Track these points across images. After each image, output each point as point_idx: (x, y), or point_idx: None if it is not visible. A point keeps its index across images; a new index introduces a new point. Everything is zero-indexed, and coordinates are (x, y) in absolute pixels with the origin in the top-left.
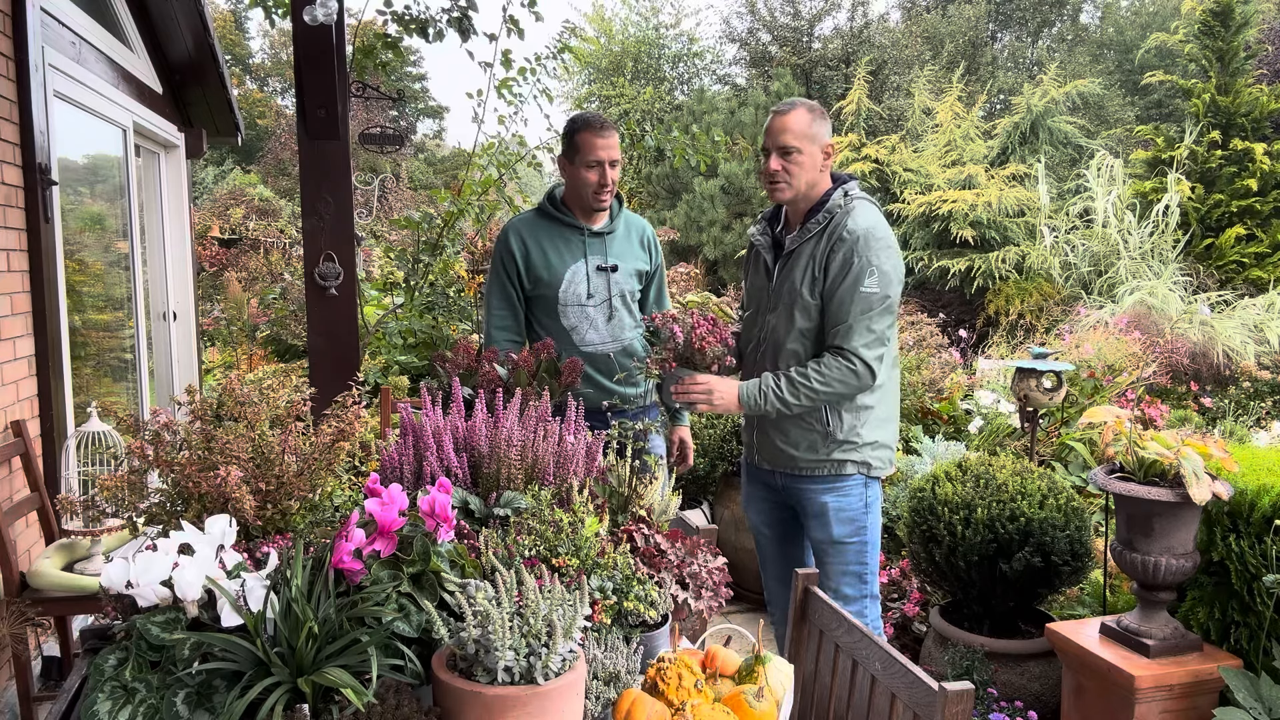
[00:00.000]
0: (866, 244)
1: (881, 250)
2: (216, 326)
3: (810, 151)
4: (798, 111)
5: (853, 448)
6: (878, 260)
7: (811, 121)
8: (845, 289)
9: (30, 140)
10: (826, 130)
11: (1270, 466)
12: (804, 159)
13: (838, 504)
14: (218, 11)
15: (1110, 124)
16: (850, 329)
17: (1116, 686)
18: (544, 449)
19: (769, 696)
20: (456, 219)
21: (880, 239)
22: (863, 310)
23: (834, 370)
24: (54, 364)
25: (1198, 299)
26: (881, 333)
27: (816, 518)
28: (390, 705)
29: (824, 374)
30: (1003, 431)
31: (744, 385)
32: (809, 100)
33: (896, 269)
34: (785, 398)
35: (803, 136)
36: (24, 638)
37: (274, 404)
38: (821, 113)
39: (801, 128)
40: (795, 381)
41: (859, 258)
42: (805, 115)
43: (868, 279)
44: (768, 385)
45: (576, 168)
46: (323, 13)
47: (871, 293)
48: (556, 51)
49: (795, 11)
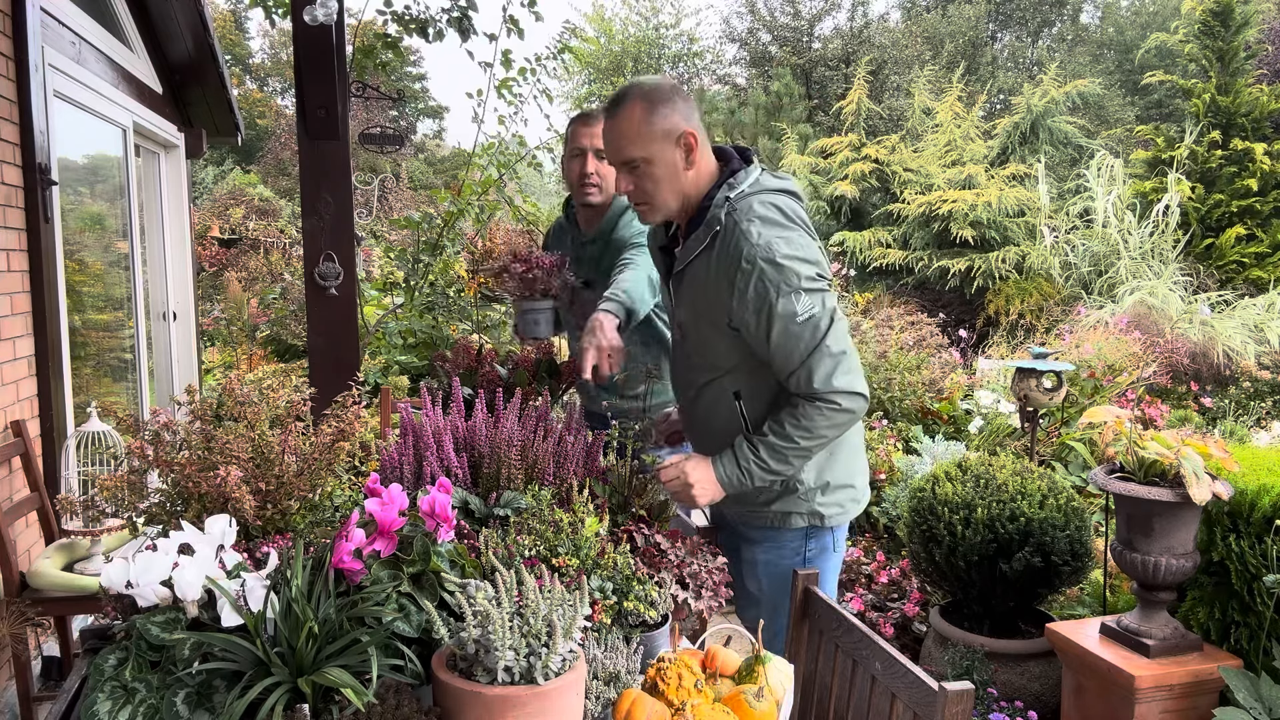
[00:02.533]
0: (775, 267)
1: (795, 263)
2: (216, 326)
3: (661, 154)
4: (631, 110)
5: (795, 497)
6: (795, 279)
7: (650, 115)
8: (780, 329)
9: (30, 140)
10: (677, 116)
11: (1270, 466)
12: (656, 169)
13: (766, 558)
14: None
15: (1110, 124)
16: (811, 369)
17: (1116, 686)
18: (544, 449)
19: (769, 696)
20: (456, 219)
21: (788, 250)
22: (813, 342)
23: (817, 420)
24: (54, 364)
25: (1198, 299)
26: (840, 348)
27: (749, 567)
28: (390, 705)
29: (808, 428)
30: (1003, 431)
31: (720, 465)
32: (645, 82)
33: (816, 269)
34: (774, 469)
35: (642, 140)
36: (24, 638)
37: (274, 404)
38: (665, 95)
39: (636, 130)
40: (777, 448)
41: (774, 287)
42: (640, 111)
43: (799, 305)
44: (747, 460)
45: (567, 161)
46: (323, 13)
47: (810, 316)
48: (556, 51)
49: (795, 11)
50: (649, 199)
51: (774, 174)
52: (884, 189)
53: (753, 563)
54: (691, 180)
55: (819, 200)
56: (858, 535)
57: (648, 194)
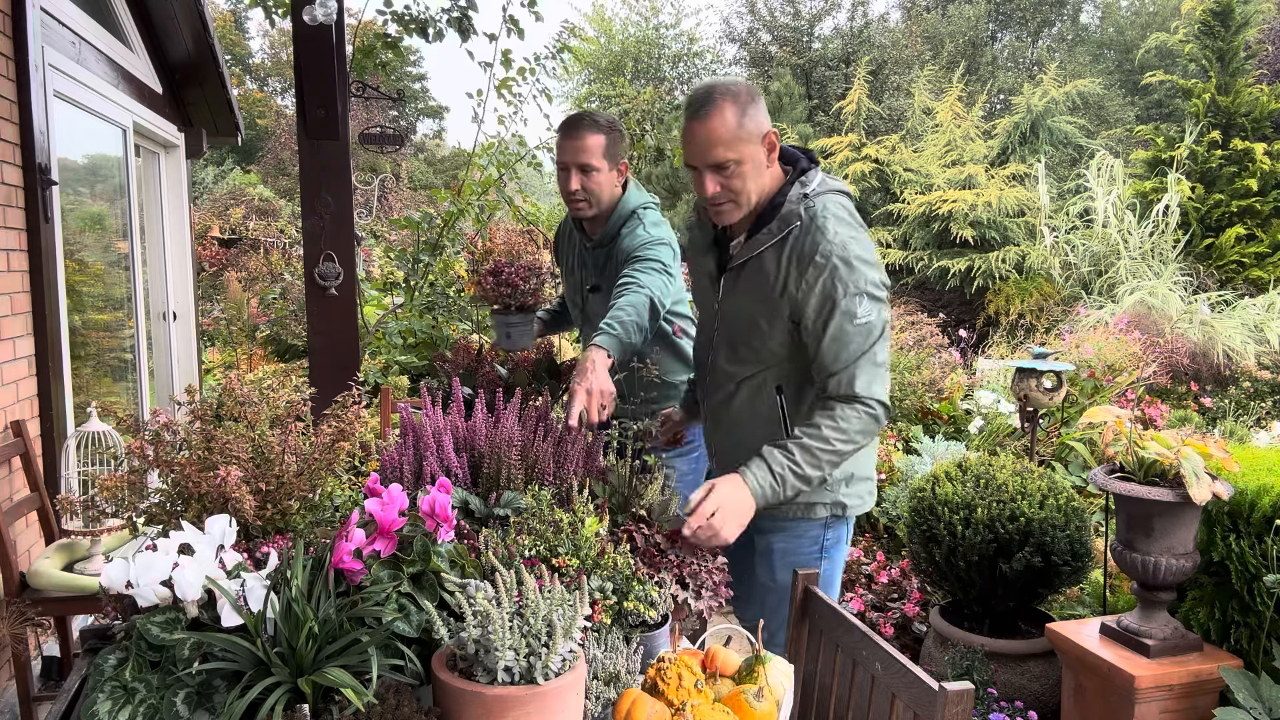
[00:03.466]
0: (849, 266)
1: (865, 267)
2: (216, 326)
3: (751, 154)
4: (722, 112)
5: (823, 488)
6: (864, 281)
7: (741, 118)
8: (836, 326)
9: (30, 140)
10: (762, 116)
11: (1270, 466)
12: (746, 168)
13: (784, 546)
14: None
15: (1110, 124)
16: (854, 373)
17: (1116, 686)
18: (544, 449)
19: (769, 696)
20: (456, 219)
21: (860, 252)
22: (863, 347)
23: (854, 422)
24: (54, 364)
25: (1198, 299)
26: (884, 360)
27: (761, 556)
28: (390, 705)
29: (844, 429)
30: (1003, 431)
31: (752, 476)
32: (729, 84)
33: (881, 277)
34: (808, 474)
35: (736, 142)
36: (24, 638)
37: (274, 404)
38: (749, 96)
39: (731, 132)
40: (813, 450)
41: (843, 285)
42: (732, 113)
43: (860, 309)
44: (781, 466)
45: (557, 172)
46: (322, 13)
47: (868, 322)
48: (556, 51)
49: (795, 11)
50: (735, 198)
51: (830, 176)
52: (884, 189)
53: (767, 552)
54: (770, 177)
55: None
56: (858, 535)
57: (735, 192)
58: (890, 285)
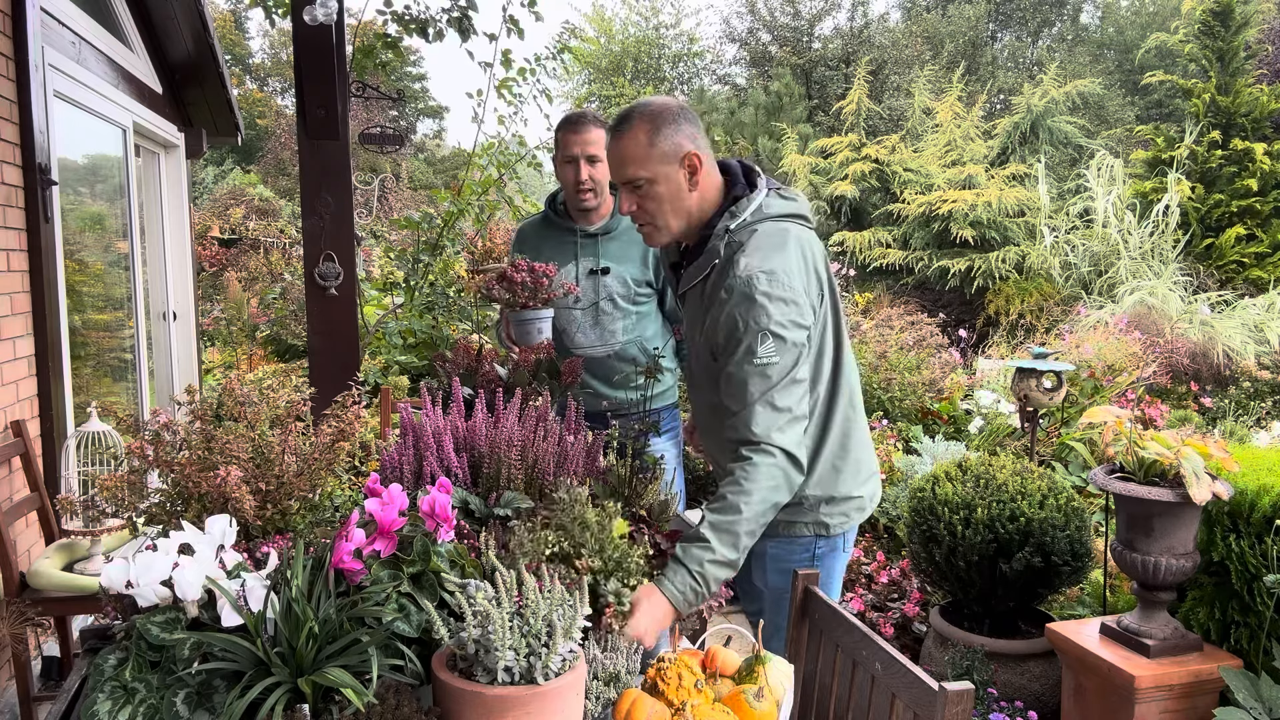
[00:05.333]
0: (750, 302)
1: (771, 303)
2: (216, 326)
3: (665, 175)
4: (635, 130)
5: (800, 508)
6: (765, 319)
7: (655, 136)
8: (736, 365)
9: (30, 140)
10: (680, 137)
11: (1270, 466)
12: (660, 189)
13: (775, 551)
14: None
15: (1110, 124)
16: (750, 416)
17: (1116, 686)
18: (544, 449)
19: (769, 696)
20: (456, 219)
21: (768, 288)
22: (762, 389)
23: (758, 480)
24: (54, 364)
25: (1198, 299)
26: (786, 405)
27: (755, 559)
28: (390, 705)
29: (749, 491)
30: (1003, 431)
31: (669, 584)
32: (649, 102)
33: (795, 317)
34: (728, 557)
35: (647, 161)
36: (24, 638)
37: (274, 404)
38: (670, 116)
39: (643, 150)
40: (724, 528)
41: (743, 321)
42: (644, 132)
43: (760, 347)
44: (697, 562)
45: (559, 166)
46: (322, 13)
47: (767, 363)
48: (556, 52)
49: (795, 11)
50: (652, 220)
51: (782, 194)
52: (884, 189)
53: (761, 556)
54: (696, 201)
55: (819, 200)
56: (858, 535)
57: (650, 214)
58: (809, 316)
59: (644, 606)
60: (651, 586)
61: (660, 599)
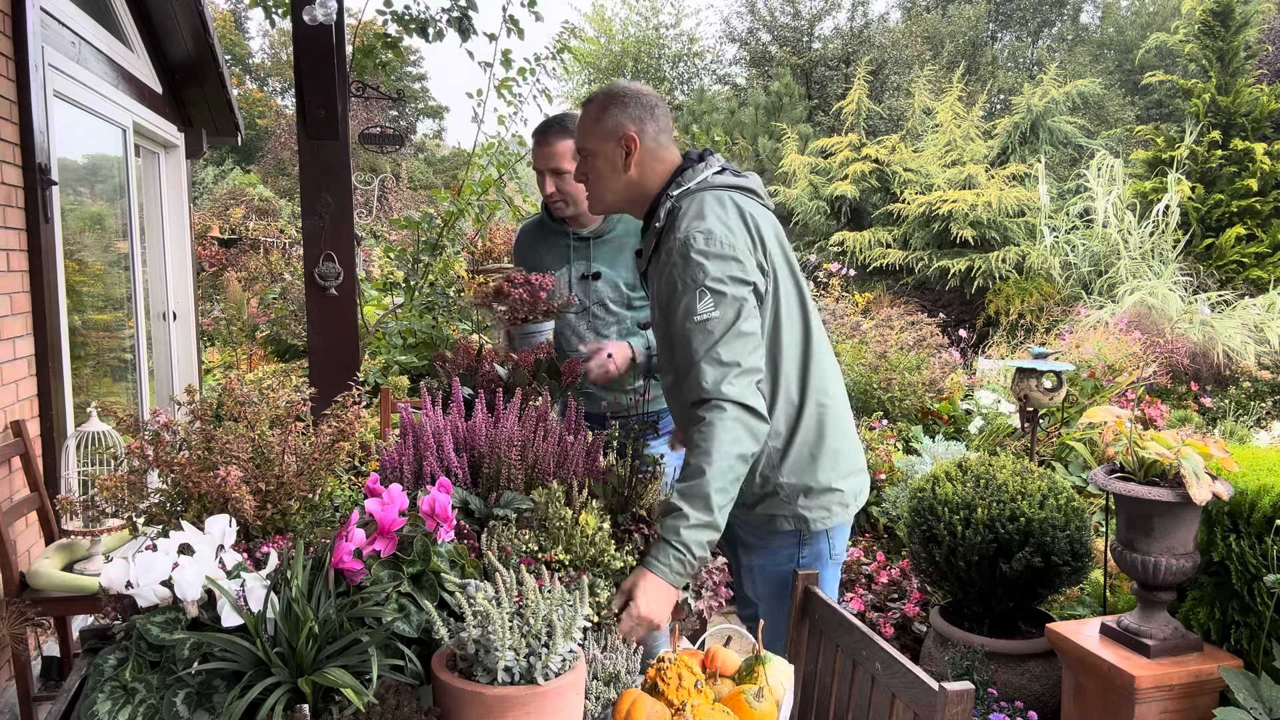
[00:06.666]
0: (685, 260)
1: (707, 260)
2: (216, 326)
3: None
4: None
5: (776, 499)
6: (702, 275)
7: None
8: (678, 325)
9: (30, 140)
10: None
11: (1270, 466)
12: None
13: (761, 563)
14: (218, 11)
15: (1110, 124)
16: (699, 373)
17: (1117, 686)
18: (544, 449)
19: (769, 696)
20: (456, 219)
21: (704, 246)
22: (705, 344)
23: (717, 434)
24: (54, 364)
25: (1198, 299)
26: (733, 359)
27: (744, 569)
28: (390, 705)
29: (709, 451)
30: (1003, 431)
31: (655, 562)
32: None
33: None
34: (705, 519)
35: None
36: (24, 638)
37: (274, 404)
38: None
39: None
40: (693, 494)
41: (680, 281)
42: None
43: (699, 304)
44: (673, 533)
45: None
46: (322, 13)
47: (707, 318)
48: (556, 51)
49: (795, 11)
50: (590, 189)
51: (735, 171)
52: (884, 189)
53: (749, 568)
54: (633, 181)
55: (819, 200)
56: (858, 535)
57: (589, 184)
58: (751, 273)
59: (640, 588)
60: (641, 569)
61: (652, 577)
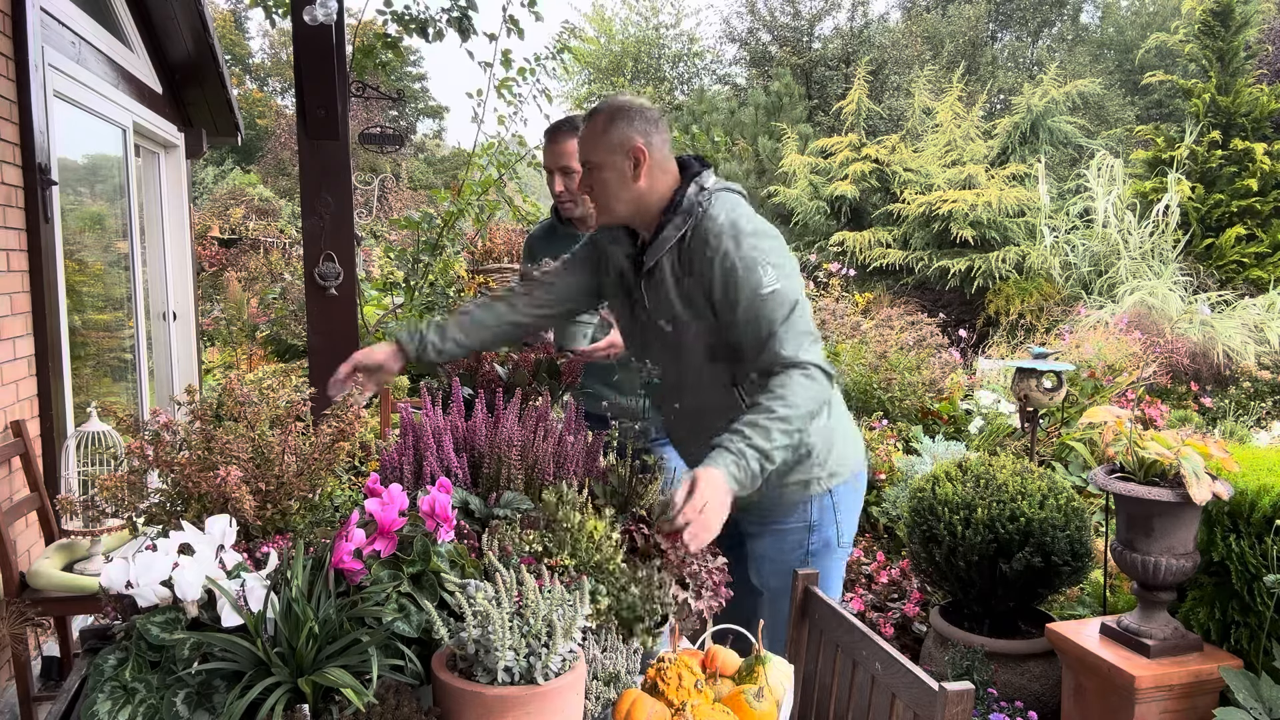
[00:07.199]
0: (737, 242)
1: (758, 239)
2: (216, 326)
3: (612, 162)
4: (596, 118)
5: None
6: (758, 253)
7: (608, 128)
8: (746, 302)
9: (30, 140)
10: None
11: (1270, 466)
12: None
13: (767, 552)
14: (218, 11)
15: (1110, 124)
16: (778, 344)
17: (1117, 686)
18: (544, 449)
19: (769, 696)
20: (456, 219)
21: (749, 227)
22: (782, 314)
23: (792, 388)
24: (54, 364)
25: (1198, 299)
26: (808, 328)
27: (751, 560)
28: (390, 705)
29: (783, 395)
30: (1003, 431)
31: (715, 463)
32: (620, 99)
33: (781, 252)
34: (762, 445)
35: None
36: (24, 638)
37: (274, 404)
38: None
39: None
40: (758, 423)
41: (740, 261)
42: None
43: (765, 278)
44: (733, 444)
45: (546, 174)
46: (322, 13)
47: (775, 290)
48: (556, 51)
49: (795, 11)
50: (597, 200)
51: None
52: (884, 189)
53: (757, 557)
54: (643, 192)
55: (819, 200)
56: (858, 535)
57: (596, 196)
58: (793, 258)
59: (702, 480)
60: (703, 469)
61: (711, 470)
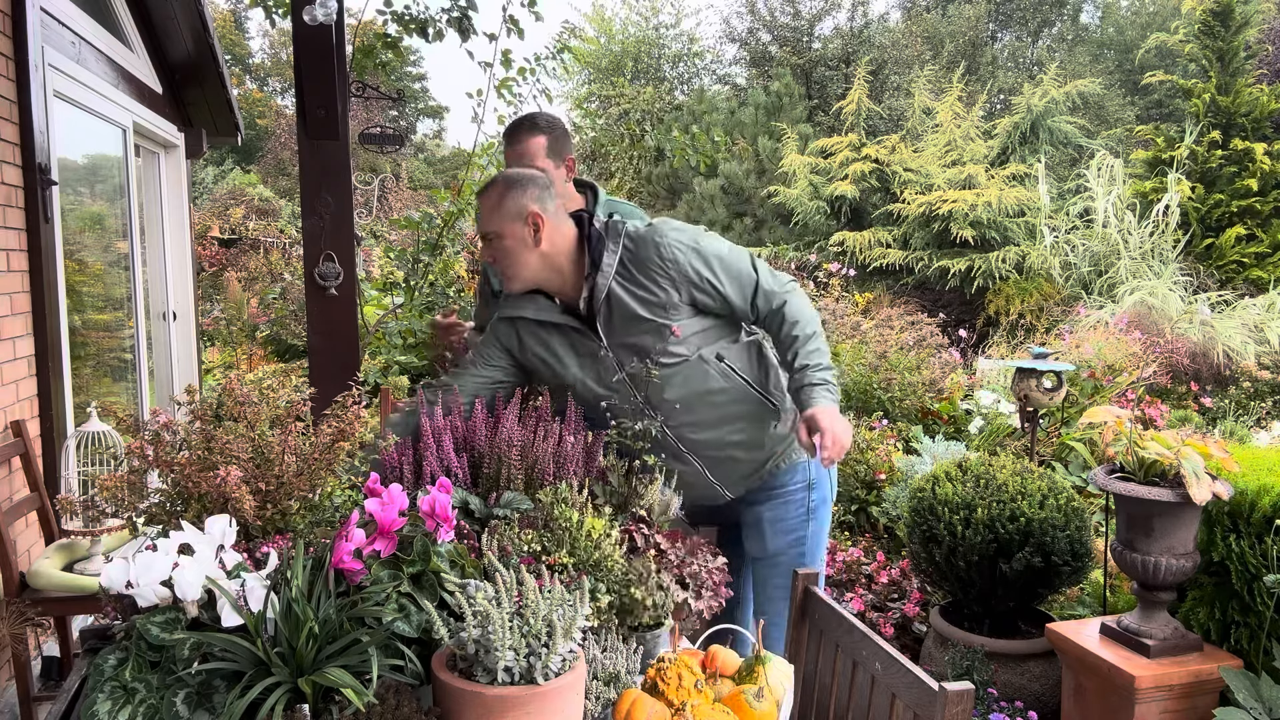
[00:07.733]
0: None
1: (700, 234)
2: (216, 326)
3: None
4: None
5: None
6: (691, 229)
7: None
8: (721, 272)
9: (30, 140)
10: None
11: (1270, 466)
12: (507, 243)
13: (773, 514)
14: (218, 11)
15: (1110, 124)
16: (763, 278)
17: (1117, 686)
18: (544, 449)
19: (769, 696)
20: (456, 219)
21: (674, 222)
22: (749, 265)
23: (801, 308)
24: (54, 364)
25: (1198, 299)
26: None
27: (751, 529)
28: (390, 705)
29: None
30: (1003, 431)
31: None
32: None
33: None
34: (826, 361)
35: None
36: (24, 638)
37: (274, 404)
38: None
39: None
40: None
41: (702, 256)
42: (495, 194)
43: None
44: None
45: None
46: (322, 13)
47: (731, 247)
48: (556, 51)
49: (795, 11)
50: (504, 269)
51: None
52: (884, 189)
53: (756, 522)
54: (546, 253)
55: (819, 200)
56: (858, 535)
57: (502, 264)
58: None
59: (827, 413)
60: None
61: (820, 405)
